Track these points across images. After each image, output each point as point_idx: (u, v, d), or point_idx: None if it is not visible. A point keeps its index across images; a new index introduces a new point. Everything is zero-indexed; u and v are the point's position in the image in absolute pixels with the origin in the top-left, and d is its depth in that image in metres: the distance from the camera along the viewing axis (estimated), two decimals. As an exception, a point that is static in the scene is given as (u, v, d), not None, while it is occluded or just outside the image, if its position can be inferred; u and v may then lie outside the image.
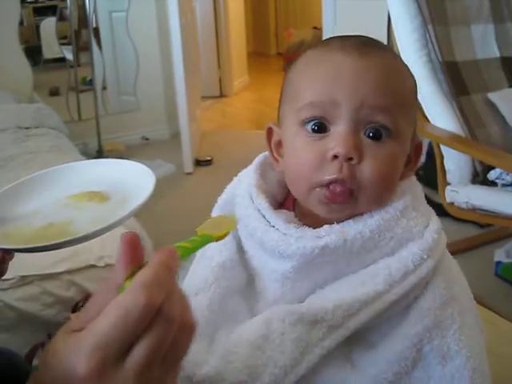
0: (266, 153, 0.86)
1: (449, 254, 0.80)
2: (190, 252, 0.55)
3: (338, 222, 0.73)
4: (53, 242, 0.73)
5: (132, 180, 0.86)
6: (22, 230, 0.80)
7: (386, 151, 0.71)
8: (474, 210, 2.24)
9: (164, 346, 0.47)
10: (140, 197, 0.79)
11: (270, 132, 0.83)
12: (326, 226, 0.72)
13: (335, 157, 0.70)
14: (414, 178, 0.81)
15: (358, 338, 0.72)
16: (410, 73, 0.78)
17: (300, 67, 0.78)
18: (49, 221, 0.81)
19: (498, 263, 2.63)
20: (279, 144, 0.82)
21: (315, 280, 0.74)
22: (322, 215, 0.74)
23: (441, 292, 0.72)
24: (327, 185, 0.71)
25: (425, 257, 0.72)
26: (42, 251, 0.78)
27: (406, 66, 0.78)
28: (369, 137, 0.71)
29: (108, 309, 0.46)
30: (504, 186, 2.24)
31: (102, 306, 0.47)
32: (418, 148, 0.81)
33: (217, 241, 0.59)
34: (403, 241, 0.73)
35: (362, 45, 0.74)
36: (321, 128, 0.72)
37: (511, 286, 2.56)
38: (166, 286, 0.48)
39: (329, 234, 0.71)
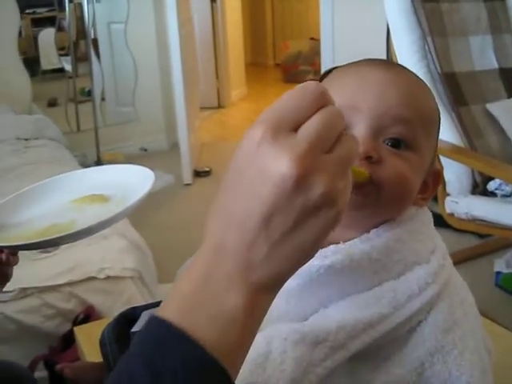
0: None
1: (458, 275, 0.80)
2: None
3: (344, 242, 0.72)
4: (52, 237, 0.75)
5: (131, 180, 0.89)
6: (25, 231, 0.82)
7: (404, 158, 0.72)
8: (474, 220, 2.24)
9: (332, 131, 0.49)
10: (139, 193, 0.81)
11: None
12: (332, 246, 0.72)
13: None
14: (424, 206, 0.80)
15: (359, 358, 0.71)
16: (434, 97, 0.80)
17: (327, 79, 0.80)
18: (52, 222, 0.82)
19: (498, 273, 2.64)
20: None
21: (320, 299, 0.73)
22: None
23: (444, 317, 0.72)
24: None
25: (430, 281, 0.72)
26: (43, 247, 0.79)
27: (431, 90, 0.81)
28: (387, 145, 0.72)
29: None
30: (503, 196, 2.25)
31: None
32: (436, 175, 0.81)
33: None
34: (409, 264, 0.73)
35: (387, 62, 0.79)
36: None
37: (511, 296, 2.56)
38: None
39: (335, 254, 0.71)
